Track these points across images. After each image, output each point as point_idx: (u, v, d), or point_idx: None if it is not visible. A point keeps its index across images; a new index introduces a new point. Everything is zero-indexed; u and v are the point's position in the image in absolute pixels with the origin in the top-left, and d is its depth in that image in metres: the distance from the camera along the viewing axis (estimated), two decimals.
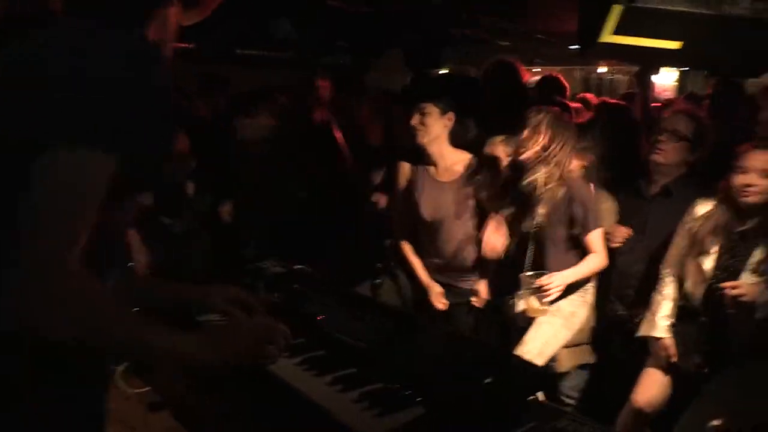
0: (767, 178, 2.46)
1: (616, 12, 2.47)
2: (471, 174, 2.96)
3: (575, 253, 2.85)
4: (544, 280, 2.68)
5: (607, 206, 3.05)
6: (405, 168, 3.09)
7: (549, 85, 4.15)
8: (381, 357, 1.70)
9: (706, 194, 2.70)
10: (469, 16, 5.01)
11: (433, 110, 2.90)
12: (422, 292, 3.06)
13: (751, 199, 2.48)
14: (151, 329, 1.13)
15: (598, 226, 2.80)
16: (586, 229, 2.78)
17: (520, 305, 2.79)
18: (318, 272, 2.31)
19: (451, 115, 2.95)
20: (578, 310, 2.86)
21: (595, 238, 2.79)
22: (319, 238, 3.48)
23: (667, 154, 2.91)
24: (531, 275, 2.74)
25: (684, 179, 2.94)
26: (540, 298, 2.71)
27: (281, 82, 4.90)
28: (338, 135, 3.92)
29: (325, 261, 3.03)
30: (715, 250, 2.56)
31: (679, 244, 2.70)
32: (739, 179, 2.49)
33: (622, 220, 3.03)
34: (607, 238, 2.94)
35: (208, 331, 1.40)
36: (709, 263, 2.56)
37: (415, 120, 2.90)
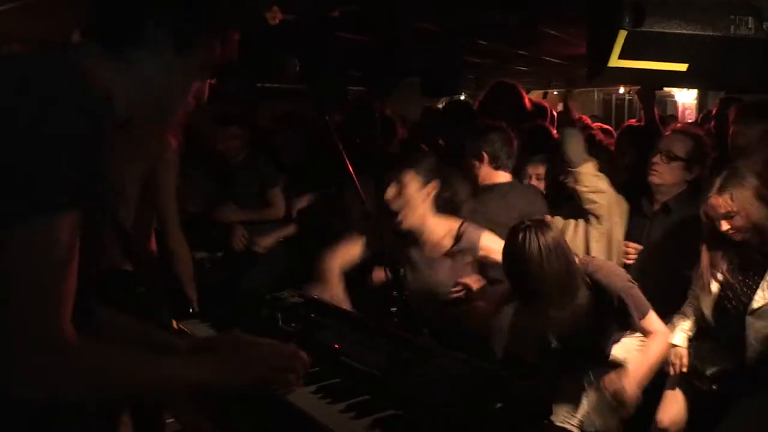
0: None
1: (621, 37, 2.50)
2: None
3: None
4: (616, 389, 2.29)
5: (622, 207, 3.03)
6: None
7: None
8: (394, 384, 1.73)
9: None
10: (482, 44, 5.06)
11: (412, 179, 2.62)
12: None
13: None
14: (165, 363, 1.18)
15: (647, 311, 2.48)
16: (640, 317, 2.46)
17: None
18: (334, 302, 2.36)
19: (434, 183, 2.63)
20: None
21: (651, 321, 2.48)
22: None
23: (662, 175, 2.96)
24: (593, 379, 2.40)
25: (683, 196, 2.98)
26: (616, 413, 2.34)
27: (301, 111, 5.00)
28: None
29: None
30: (725, 267, 2.56)
31: (701, 261, 2.69)
32: None
33: (627, 238, 3.07)
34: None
35: (227, 354, 1.41)
36: (716, 282, 2.57)
37: (389, 194, 2.59)
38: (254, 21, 3.05)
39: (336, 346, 1.95)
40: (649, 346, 2.51)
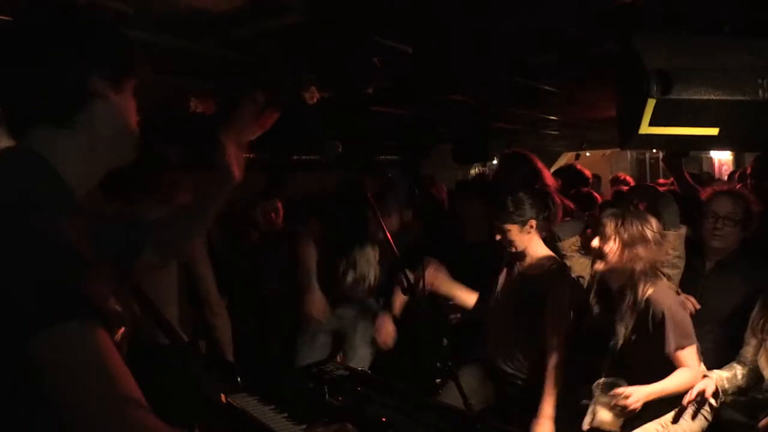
0: None
1: (650, 105, 2.55)
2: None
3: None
4: (620, 395, 2.44)
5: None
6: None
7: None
8: None
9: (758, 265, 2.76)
10: (512, 111, 5.17)
11: (512, 227, 3.03)
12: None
13: None
14: None
15: (687, 344, 2.55)
16: (674, 347, 2.53)
17: (590, 417, 2.56)
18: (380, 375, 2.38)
19: (532, 222, 3.06)
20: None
21: (685, 355, 2.54)
22: None
23: (726, 239, 3.01)
24: (605, 384, 2.54)
25: (738, 254, 3.04)
26: (615, 413, 2.49)
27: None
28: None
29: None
30: None
31: (756, 313, 2.72)
32: None
33: None
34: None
35: None
36: None
37: (498, 238, 3.08)
38: (293, 100, 3.20)
39: (384, 419, 1.96)
40: (676, 374, 2.55)
